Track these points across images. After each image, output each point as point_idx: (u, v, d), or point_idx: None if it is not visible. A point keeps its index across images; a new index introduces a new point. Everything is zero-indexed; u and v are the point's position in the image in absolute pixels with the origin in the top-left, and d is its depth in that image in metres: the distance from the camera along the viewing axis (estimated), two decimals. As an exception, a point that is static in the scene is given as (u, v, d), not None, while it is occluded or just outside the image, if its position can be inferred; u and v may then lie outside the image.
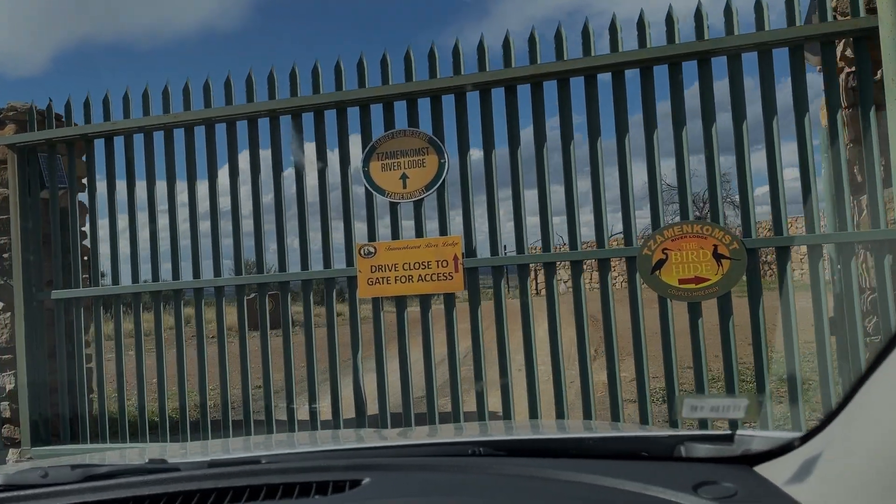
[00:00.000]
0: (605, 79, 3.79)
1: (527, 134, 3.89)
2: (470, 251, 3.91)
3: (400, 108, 4.03)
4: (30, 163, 4.68)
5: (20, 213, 4.65)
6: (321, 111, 4.13)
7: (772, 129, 3.51)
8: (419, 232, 3.98)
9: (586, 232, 4.00)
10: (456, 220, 4.02)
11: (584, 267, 3.84)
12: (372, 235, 4.05)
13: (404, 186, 4.00)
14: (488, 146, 3.90)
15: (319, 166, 4.12)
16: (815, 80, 3.76)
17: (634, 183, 3.71)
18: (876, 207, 3.33)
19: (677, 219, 3.68)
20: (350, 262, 4.06)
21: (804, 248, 3.51)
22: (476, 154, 3.94)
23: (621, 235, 3.75)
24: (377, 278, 3.98)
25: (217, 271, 4.26)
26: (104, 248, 4.55)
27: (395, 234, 4.02)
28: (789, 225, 3.55)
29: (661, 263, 3.59)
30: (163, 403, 4.33)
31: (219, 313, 4.28)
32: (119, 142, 4.48)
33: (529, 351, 3.80)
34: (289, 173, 4.20)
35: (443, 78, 3.91)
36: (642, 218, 19.32)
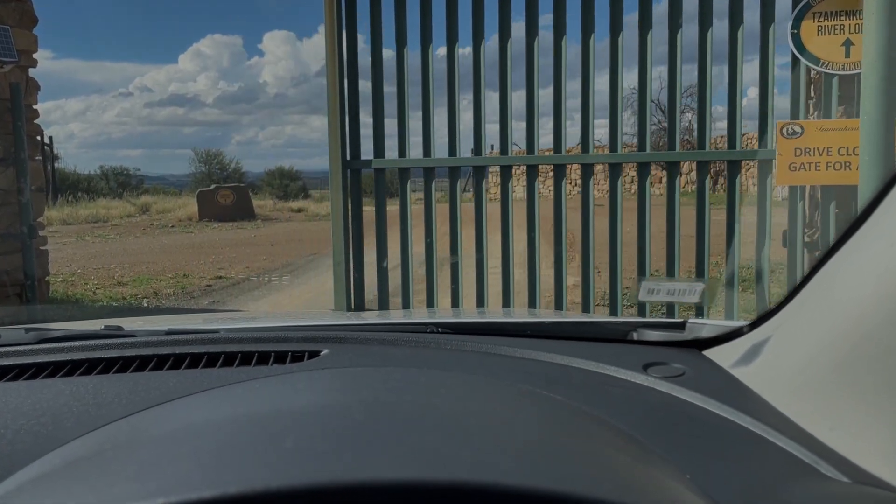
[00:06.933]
0: None
1: None
2: (929, 136, 3.31)
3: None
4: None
5: (337, 73, 4.25)
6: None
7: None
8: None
9: None
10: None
11: None
12: (795, 112, 3.48)
13: (847, 55, 3.36)
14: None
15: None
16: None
17: None
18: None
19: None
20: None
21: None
22: None
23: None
24: (802, 163, 3.43)
25: (587, 146, 3.79)
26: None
27: (828, 113, 3.44)
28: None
29: None
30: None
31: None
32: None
33: None
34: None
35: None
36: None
